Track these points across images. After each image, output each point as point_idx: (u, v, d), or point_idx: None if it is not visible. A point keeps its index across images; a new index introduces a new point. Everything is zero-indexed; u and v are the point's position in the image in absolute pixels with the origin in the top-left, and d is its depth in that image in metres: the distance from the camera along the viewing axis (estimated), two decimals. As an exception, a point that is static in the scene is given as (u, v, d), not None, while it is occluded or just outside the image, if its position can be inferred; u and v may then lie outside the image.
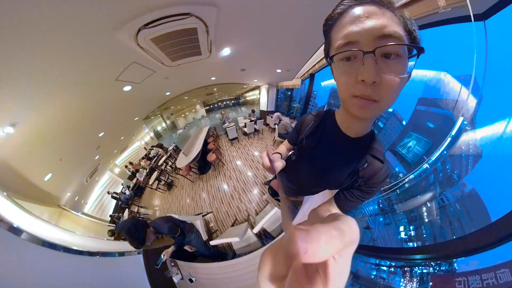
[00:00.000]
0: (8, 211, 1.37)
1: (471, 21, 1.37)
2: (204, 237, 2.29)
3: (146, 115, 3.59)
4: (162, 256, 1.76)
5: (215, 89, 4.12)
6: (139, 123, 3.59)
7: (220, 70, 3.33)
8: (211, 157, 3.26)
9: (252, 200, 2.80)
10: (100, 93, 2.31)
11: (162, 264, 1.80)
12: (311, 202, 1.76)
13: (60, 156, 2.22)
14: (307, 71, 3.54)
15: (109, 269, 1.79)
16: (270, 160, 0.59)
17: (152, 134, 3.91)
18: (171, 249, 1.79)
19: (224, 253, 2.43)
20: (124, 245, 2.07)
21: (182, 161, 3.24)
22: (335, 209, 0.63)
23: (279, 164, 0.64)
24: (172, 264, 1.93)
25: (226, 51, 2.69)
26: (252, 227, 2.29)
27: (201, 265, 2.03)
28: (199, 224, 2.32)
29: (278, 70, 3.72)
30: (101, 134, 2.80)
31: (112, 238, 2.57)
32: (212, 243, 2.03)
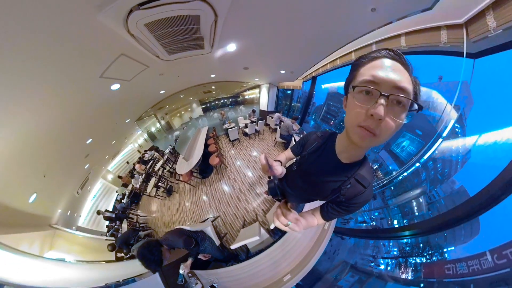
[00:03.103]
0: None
1: (463, 57, 1.69)
2: (217, 242, 2.26)
3: (139, 116, 3.27)
4: (181, 271, 1.68)
5: (213, 87, 3.91)
6: (131, 125, 3.28)
7: (221, 67, 3.01)
8: (214, 160, 3.09)
9: (259, 201, 2.77)
10: (83, 94, 1.93)
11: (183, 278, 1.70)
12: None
13: (44, 172, 1.91)
14: (310, 74, 3.53)
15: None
16: (269, 164, 0.66)
17: (146, 136, 3.63)
18: (189, 262, 1.73)
19: (236, 255, 2.51)
20: (131, 266, 1.95)
21: (183, 167, 3.01)
22: (318, 215, 0.77)
23: (279, 168, 0.75)
24: (190, 275, 1.85)
25: (231, 47, 2.40)
26: (263, 226, 2.39)
27: (223, 270, 2.07)
28: (210, 231, 2.27)
29: (282, 71, 3.60)
30: (89, 141, 2.45)
31: (113, 252, 2.44)
32: (233, 247, 2.04)
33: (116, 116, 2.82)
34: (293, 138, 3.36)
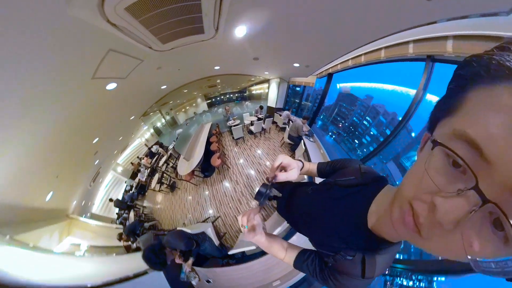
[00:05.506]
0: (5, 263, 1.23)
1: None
2: (216, 242, 2.37)
3: (143, 112, 3.31)
4: (183, 269, 1.87)
5: (218, 81, 3.77)
6: (136, 122, 3.39)
7: (227, 57, 2.71)
8: (216, 162, 3.06)
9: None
10: (79, 99, 1.88)
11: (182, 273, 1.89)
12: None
13: (56, 173, 2.09)
14: (325, 70, 3.06)
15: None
16: (275, 172, 0.60)
17: (152, 131, 3.77)
18: (190, 261, 1.89)
19: (232, 254, 2.70)
20: (138, 260, 2.18)
21: (184, 167, 3.04)
22: (290, 254, 0.63)
23: (283, 175, 0.61)
24: (189, 270, 1.98)
25: (239, 31, 1.94)
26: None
27: (220, 269, 2.23)
28: (210, 231, 2.30)
29: (296, 64, 3.13)
30: (95, 140, 2.56)
31: (121, 242, 2.78)
32: (231, 252, 2.13)
33: (119, 114, 2.84)
34: (302, 141, 3.22)
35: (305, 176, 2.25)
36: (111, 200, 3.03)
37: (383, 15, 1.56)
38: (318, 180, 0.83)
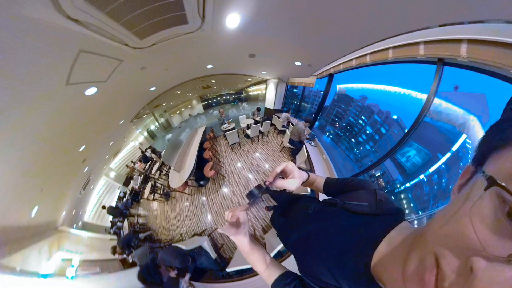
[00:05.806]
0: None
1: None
2: (213, 255, 2.27)
3: (133, 116, 3.15)
4: (181, 285, 1.81)
5: (212, 81, 3.57)
6: (127, 125, 3.21)
7: (219, 53, 2.44)
8: (209, 173, 2.89)
9: (258, 216, 2.71)
10: (56, 108, 1.71)
11: None
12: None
13: (40, 186, 1.97)
14: (326, 70, 2.82)
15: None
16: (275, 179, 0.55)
17: (145, 134, 3.59)
18: (187, 277, 1.85)
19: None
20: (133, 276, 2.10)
21: (175, 180, 2.86)
22: (271, 271, 0.59)
23: (279, 182, 0.58)
24: (187, 285, 1.93)
25: (232, 21, 1.63)
26: (264, 246, 2.39)
27: (221, 286, 2.12)
28: (206, 245, 2.23)
29: (298, 63, 2.85)
30: (82, 148, 2.41)
31: (116, 255, 2.69)
32: (229, 269, 2.01)
33: (105, 119, 2.65)
34: (304, 147, 3.06)
35: (308, 189, 2.12)
36: (103, 207, 2.92)
37: (398, 11, 1.37)
38: (322, 196, 0.75)
